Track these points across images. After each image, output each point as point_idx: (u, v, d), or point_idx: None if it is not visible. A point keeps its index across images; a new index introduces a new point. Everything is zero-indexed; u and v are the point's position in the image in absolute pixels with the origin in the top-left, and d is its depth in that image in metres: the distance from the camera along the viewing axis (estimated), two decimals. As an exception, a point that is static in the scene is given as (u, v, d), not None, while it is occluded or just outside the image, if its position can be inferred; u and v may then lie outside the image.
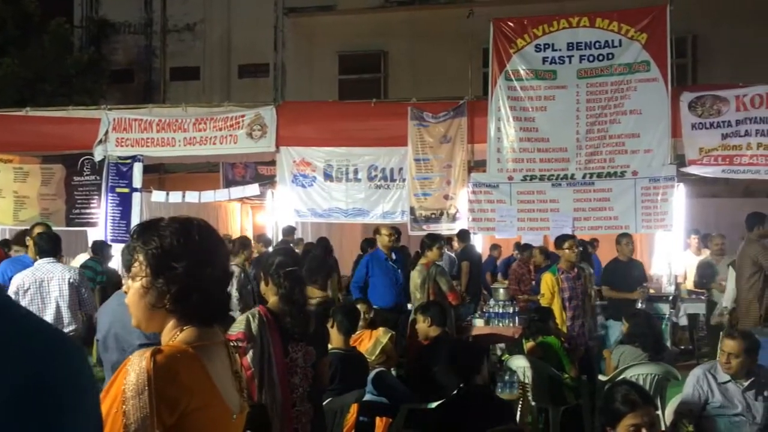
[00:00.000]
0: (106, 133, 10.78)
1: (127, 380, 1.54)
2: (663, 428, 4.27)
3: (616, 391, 2.96)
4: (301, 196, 10.62)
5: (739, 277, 7.18)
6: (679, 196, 9.30)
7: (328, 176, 10.58)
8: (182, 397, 1.57)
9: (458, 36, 13.12)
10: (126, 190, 10.60)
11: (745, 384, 4.06)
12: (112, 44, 18.00)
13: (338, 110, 11.29)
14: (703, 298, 9.00)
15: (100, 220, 10.65)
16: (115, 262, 9.13)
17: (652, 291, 8.80)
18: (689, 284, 9.52)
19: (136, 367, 1.56)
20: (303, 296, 3.40)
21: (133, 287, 1.73)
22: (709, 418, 4.02)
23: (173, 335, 1.71)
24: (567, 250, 6.64)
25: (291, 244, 9.66)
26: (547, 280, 6.75)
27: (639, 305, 7.66)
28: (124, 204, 10.61)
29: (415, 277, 6.92)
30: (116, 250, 9.11)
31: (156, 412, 1.53)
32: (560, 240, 6.79)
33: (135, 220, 10.31)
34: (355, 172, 10.49)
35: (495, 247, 11.28)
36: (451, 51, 13.88)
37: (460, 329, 7.36)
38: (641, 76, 9.34)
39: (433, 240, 7.11)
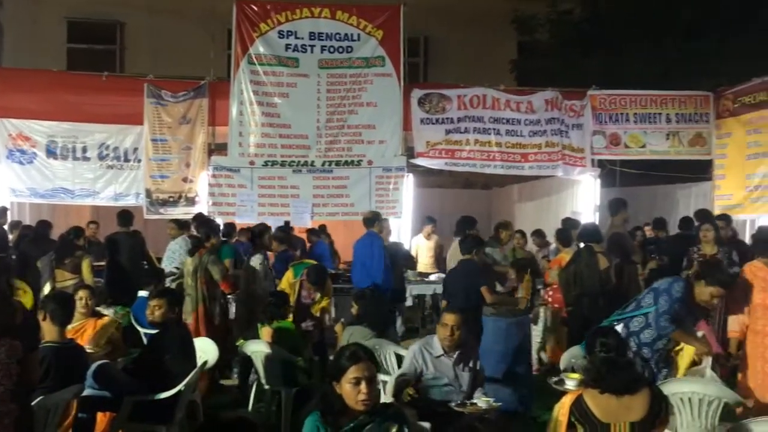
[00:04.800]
0: None
1: None
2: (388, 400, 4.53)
3: (343, 349, 3.22)
4: (18, 173, 9.62)
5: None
6: (409, 185, 9.99)
7: (51, 153, 9.71)
8: None
9: (202, 14, 12.75)
10: None
11: (455, 356, 4.48)
12: None
13: (64, 81, 10.30)
14: (432, 278, 9.70)
15: None
16: None
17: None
18: (420, 267, 10.17)
19: None
20: (8, 286, 3.05)
21: None
22: (424, 389, 4.39)
23: None
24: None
25: (5, 227, 8.64)
26: (289, 277, 6.83)
27: None
28: None
29: (188, 264, 6.69)
30: None
31: None
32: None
33: None
34: (84, 149, 9.75)
35: (242, 232, 11.07)
36: (194, 29, 13.43)
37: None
38: (377, 70, 9.87)
39: (213, 229, 7.05)
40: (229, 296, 7.22)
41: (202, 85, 9.86)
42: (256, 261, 7.37)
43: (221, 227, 8.80)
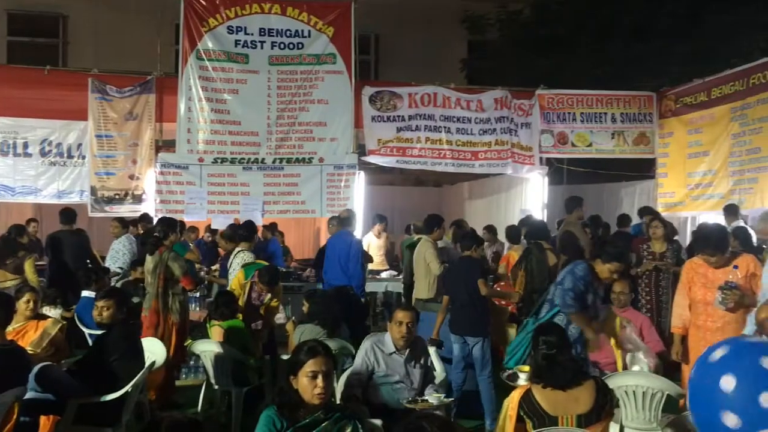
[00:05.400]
0: None
1: None
2: (339, 399, 4.53)
3: (302, 345, 3.25)
4: (-45, 170, 9.22)
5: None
6: (360, 183, 9.99)
7: (-10, 149, 9.36)
8: None
9: (148, 7, 12.49)
10: None
11: (406, 354, 4.50)
12: None
13: (4, 75, 9.96)
14: (383, 276, 9.78)
15: None
16: None
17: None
18: (371, 265, 10.20)
19: None
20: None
21: None
22: (375, 386, 4.40)
23: None
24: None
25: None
26: (240, 278, 6.77)
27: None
28: None
29: (149, 261, 6.61)
30: None
31: None
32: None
33: None
34: (25, 145, 9.46)
35: (192, 229, 10.93)
36: (140, 23, 13.19)
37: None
38: (328, 67, 9.82)
39: (171, 226, 6.93)
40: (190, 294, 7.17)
41: (148, 81, 9.66)
42: (249, 257, 7.32)
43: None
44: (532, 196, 10.75)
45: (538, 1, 14.48)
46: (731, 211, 8.47)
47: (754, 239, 7.35)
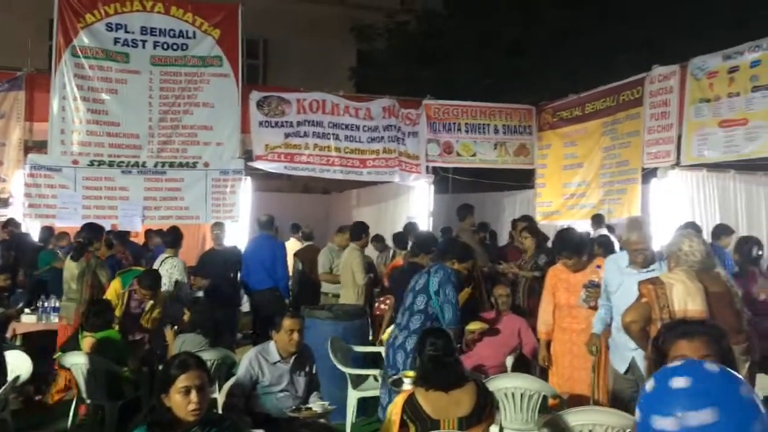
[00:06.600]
0: None
1: None
2: (221, 410, 4.41)
3: (172, 359, 3.10)
4: None
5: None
6: (247, 188, 9.79)
7: None
8: None
9: (19, 0, 11.78)
10: None
11: (291, 362, 4.43)
12: None
13: None
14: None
15: None
16: None
17: None
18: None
19: None
20: None
21: None
22: (258, 396, 4.29)
23: None
24: None
25: None
26: (116, 287, 6.47)
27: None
28: None
29: (73, 267, 6.34)
30: None
31: None
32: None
33: None
34: None
35: (63, 236, 10.27)
36: (9, 15, 12.37)
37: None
38: (214, 70, 9.59)
39: (96, 232, 6.81)
40: None
41: (18, 77, 9.06)
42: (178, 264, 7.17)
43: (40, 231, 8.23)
44: (419, 204, 10.92)
45: (425, 13, 14.82)
46: (597, 220, 9.17)
47: (617, 246, 7.81)
